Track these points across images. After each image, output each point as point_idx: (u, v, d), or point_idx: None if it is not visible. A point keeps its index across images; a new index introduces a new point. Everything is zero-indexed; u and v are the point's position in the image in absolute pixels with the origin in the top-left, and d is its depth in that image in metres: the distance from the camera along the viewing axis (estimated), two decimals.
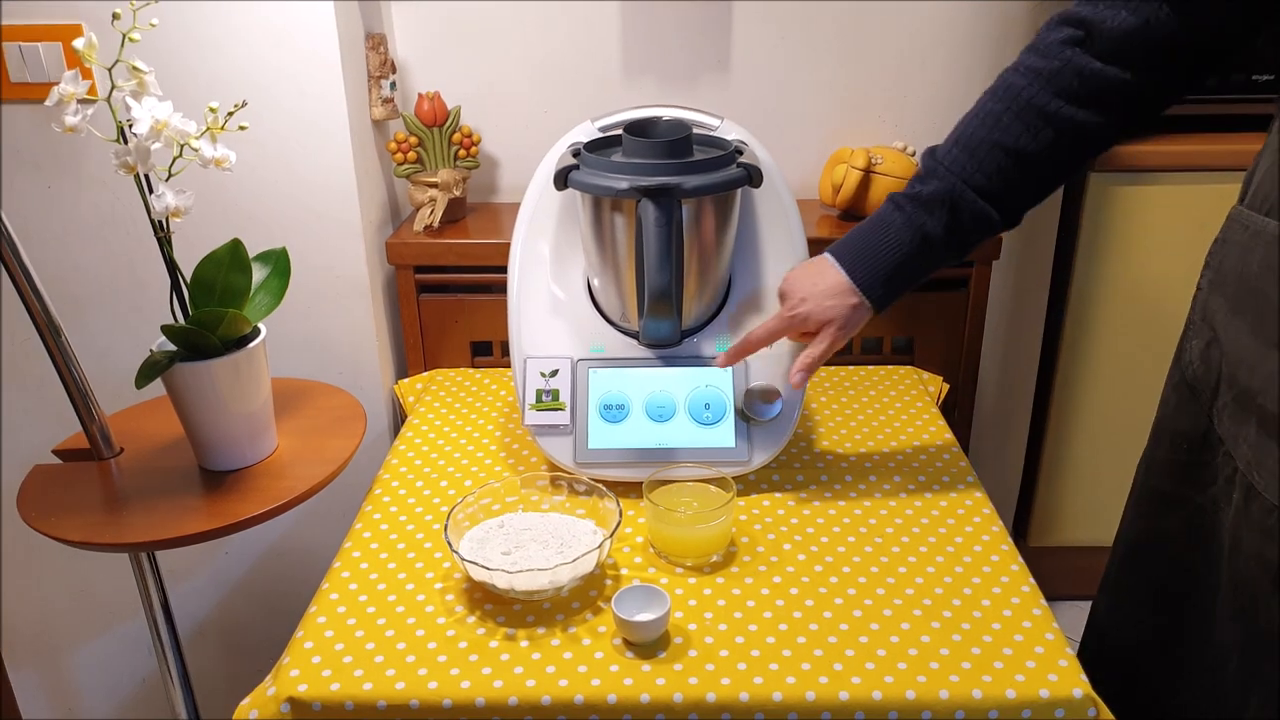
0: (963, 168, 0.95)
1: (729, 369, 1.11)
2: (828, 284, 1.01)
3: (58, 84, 0.95)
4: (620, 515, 0.98)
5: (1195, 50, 0.86)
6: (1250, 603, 0.83)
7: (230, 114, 1.02)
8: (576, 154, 1.08)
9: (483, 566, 0.91)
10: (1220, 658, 0.90)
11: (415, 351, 1.48)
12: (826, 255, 1.02)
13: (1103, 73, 0.87)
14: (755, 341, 1.06)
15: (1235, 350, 0.82)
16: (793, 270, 1.06)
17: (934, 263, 0.99)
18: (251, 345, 1.08)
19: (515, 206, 1.20)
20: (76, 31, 1.24)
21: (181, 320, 1.07)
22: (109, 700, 1.67)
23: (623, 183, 1.00)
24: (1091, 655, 1.05)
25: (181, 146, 1.00)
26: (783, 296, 1.05)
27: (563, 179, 1.05)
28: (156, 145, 0.98)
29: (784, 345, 1.12)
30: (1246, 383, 0.80)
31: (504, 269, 1.18)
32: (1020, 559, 0.99)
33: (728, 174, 1.03)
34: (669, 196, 1.00)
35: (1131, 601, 1.03)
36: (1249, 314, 0.81)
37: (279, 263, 1.13)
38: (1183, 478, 0.92)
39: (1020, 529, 1.83)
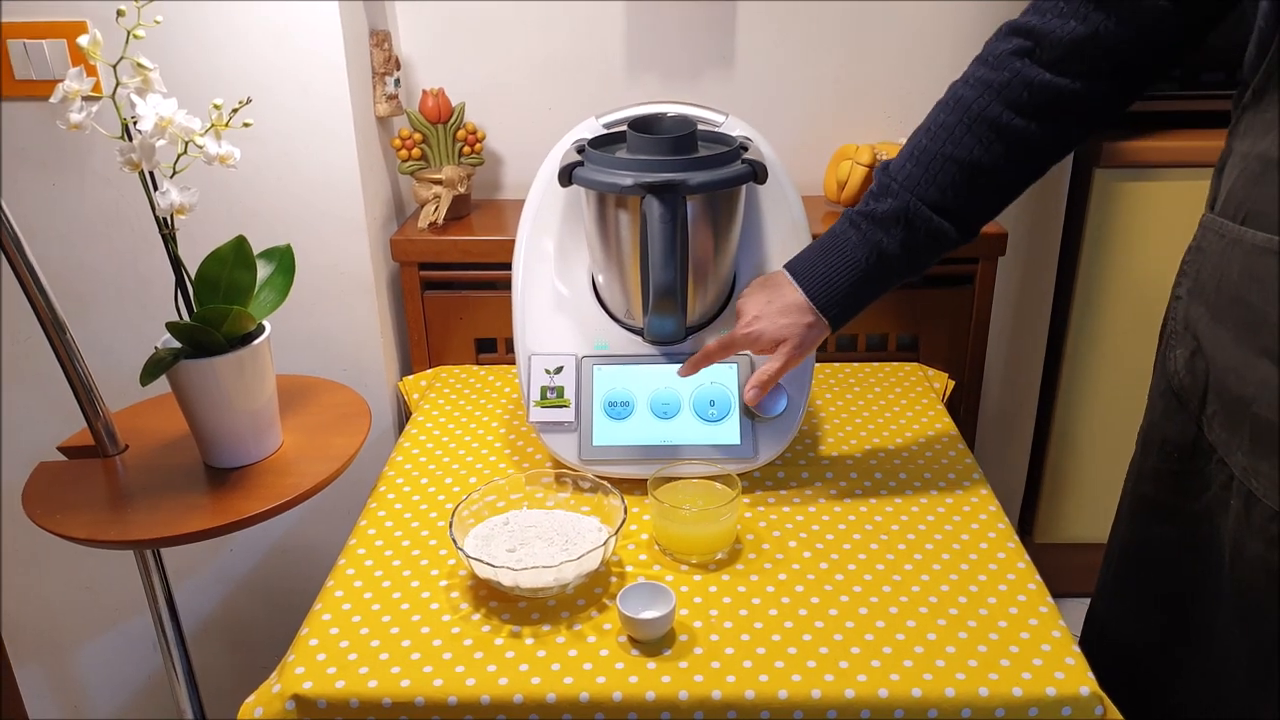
0: (916, 183, 0.94)
1: (733, 365, 1.11)
2: (784, 302, 1.01)
3: (62, 81, 0.95)
4: (625, 512, 0.98)
5: (1144, 57, 0.86)
6: (1255, 610, 0.83)
7: (235, 111, 1.02)
8: (581, 150, 1.08)
9: (488, 564, 0.91)
10: (1223, 663, 0.89)
11: (419, 348, 1.48)
12: (784, 271, 1.02)
13: (1052, 84, 0.87)
14: (712, 354, 1.06)
15: (1221, 359, 0.82)
16: (750, 285, 1.06)
17: (891, 280, 0.99)
18: (256, 342, 1.08)
19: (519, 203, 1.20)
20: (81, 28, 1.24)
21: (186, 317, 1.07)
22: (114, 697, 1.67)
23: (627, 179, 1.00)
24: (1090, 652, 1.05)
25: (186, 144, 1.00)
26: (739, 313, 1.05)
27: (567, 175, 1.05)
28: (161, 142, 0.98)
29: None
30: (1238, 391, 0.80)
31: (508, 266, 1.18)
32: (1026, 556, 0.99)
33: (732, 170, 1.03)
34: (674, 193, 1.00)
35: (1130, 603, 1.02)
36: (1232, 323, 0.80)
37: (283, 260, 1.13)
38: (1173, 486, 0.91)
39: (1025, 525, 1.83)
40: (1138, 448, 0.98)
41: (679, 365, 1.11)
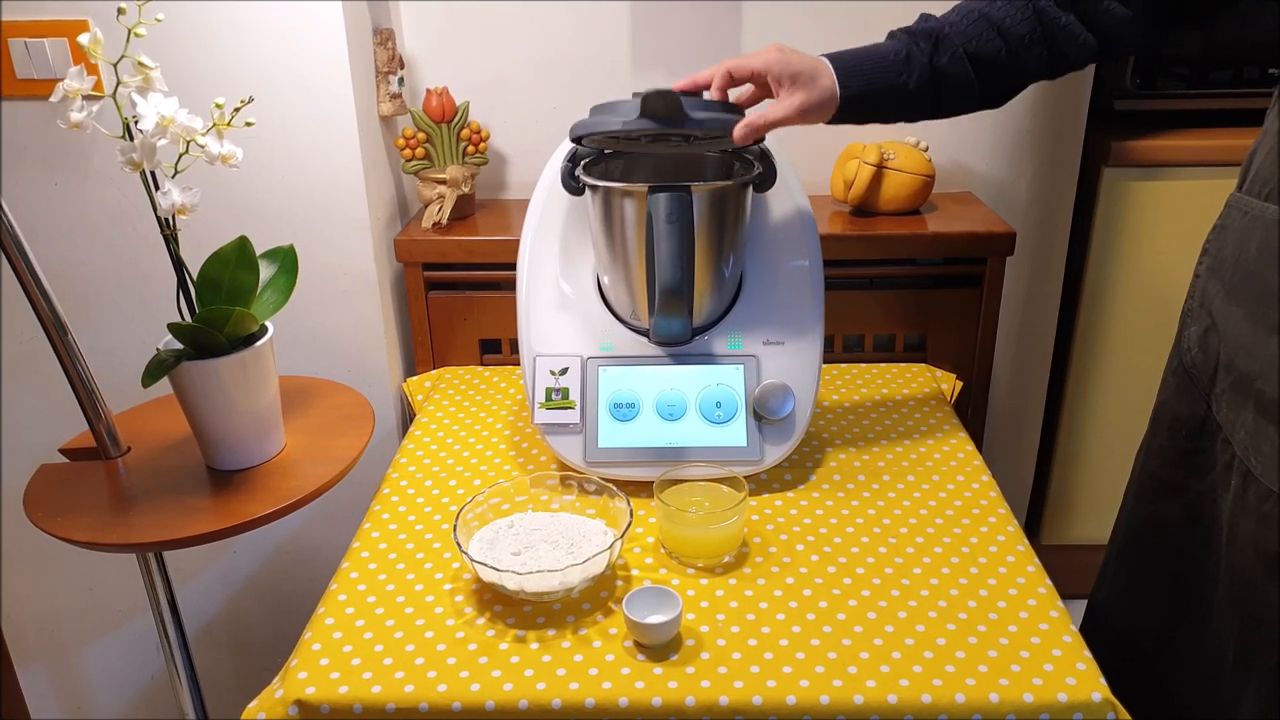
0: (953, 24, 0.99)
1: (742, 370, 1.10)
2: (806, 59, 1.00)
3: (63, 80, 0.94)
4: (631, 515, 0.97)
5: None
6: (1245, 590, 0.83)
7: (237, 110, 1.01)
8: None
9: (492, 568, 0.90)
10: (1218, 646, 0.89)
11: (423, 349, 1.48)
12: (821, 55, 1.03)
13: None
14: (770, 117, 0.99)
15: (1233, 335, 0.82)
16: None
17: (909, 96, 1.00)
18: (259, 344, 1.07)
19: (524, 203, 1.19)
20: (82, 27, 1.24)
21: (188, 318, 1.06)
22: (117, 699, 1.67)
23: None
24: (1088, 630, 1.04)
25: (188, 143, 0.99)
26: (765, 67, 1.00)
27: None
28: (163, 142, 0.98)
29: (796, 344, 1.11)
30: (1244, 368, 0.80)
31: (513, 266, 1.17)
32: (1036, 559, 0.98)
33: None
34: (680, 192, 0.99)
35: (1131, 590, 1.02)
36: (1246, 299, 0.81)
37: (286, 260, 1.12)
38: (1181, 464, 0.92)
39: (1032, 526, 1.82)
40: (1149, 427, 0.99)
41: (685, 366, 1.10)
